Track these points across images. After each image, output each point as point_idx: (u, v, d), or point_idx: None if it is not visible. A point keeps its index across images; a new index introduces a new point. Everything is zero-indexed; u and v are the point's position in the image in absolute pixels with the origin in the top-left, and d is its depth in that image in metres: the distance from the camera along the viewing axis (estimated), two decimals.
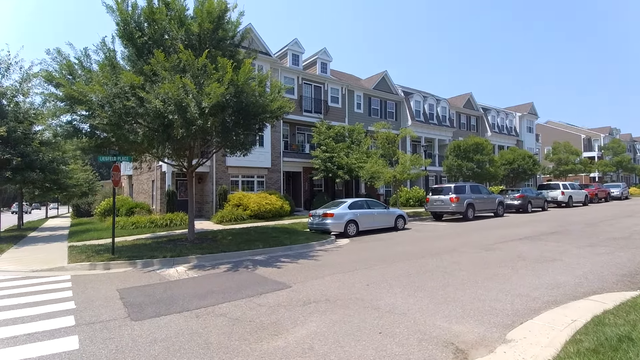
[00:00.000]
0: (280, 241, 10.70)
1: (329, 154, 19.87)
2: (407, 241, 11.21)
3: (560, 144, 35.25)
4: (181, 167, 11.32)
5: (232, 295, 5.66)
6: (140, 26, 9.46)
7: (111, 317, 4.79)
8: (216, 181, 18.06)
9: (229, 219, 15.95)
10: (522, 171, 25.68)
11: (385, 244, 10.75)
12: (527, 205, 20.95)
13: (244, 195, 17.28)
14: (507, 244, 9.88)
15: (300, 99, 22.68)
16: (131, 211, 17.01)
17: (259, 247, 9.95)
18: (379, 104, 27.77)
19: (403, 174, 18.23)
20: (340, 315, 4.57)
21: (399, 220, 14.38)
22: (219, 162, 18.28)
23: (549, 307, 4.75)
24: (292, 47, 22.88)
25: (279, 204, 17.57)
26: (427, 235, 12.44)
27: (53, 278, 7.58)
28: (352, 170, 19.40)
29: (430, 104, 30.84)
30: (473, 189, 18.11)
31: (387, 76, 28.43)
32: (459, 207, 16.95)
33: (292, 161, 21.60)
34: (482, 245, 9.80)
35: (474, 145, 22.51)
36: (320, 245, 10.90)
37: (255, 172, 19.66)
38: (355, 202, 13.52)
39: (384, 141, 19.38)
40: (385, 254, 9.09)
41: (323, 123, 21.67)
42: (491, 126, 36.60)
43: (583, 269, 6.80)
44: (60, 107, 9.07)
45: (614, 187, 33.35)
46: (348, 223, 12.71)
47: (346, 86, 25.22)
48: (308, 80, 23.22)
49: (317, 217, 13.01)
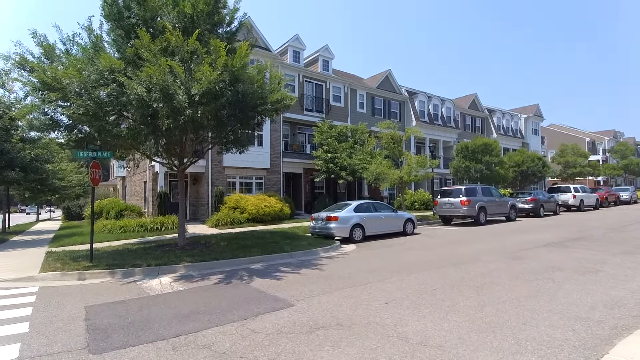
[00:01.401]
0: (280, 247, 9.66)
1: (332, 154, 18.87)
2: (420, 247, 10.18)
3: (567, 146, 34.31)
4: (171, 166, 10.29)
5: (221, 317, 4.62)
6: (129, 5, 8.47)
7: (65, 348, 3.75)
8: (212, 182, 17.02)
9: (225, 222, 14.91)
10: (531, 173, 24.69)
11: (396, 251, 9.72)
12: (539, 209, 19.94)
13: (241, 198, 16.25)
14: (534, 252, 8.86)
15: (301, 97, 21.72)
16: (121, 214, 15.96)
17: (256, 254, 8.91)
18: (382, 104, 26.82)
19: (410, 176, 17.22)
20: (359, 348, 3.53)
21: (408, 225, 13.36)
22: (215, 162, 17.26)
23: (620, 335, 3.75)
24: (292, 43, 21.96)
25: (279, 207, 16.54)
26: (441, 241, 11.41)
27: (17, 290, 6.54)
28: (355, 172, 18.39)
29: (434, 104, 29.93)
30: (484, 192, 17.10)
31: (391, 75, 27.53)
32: (471, 210, 15.93)
33: (292, 162, 20.59)
34: (506, 253, 8.77)
35: (483, 146, 21.53)
36: (325, 251, 9.86)
37: (253, 173, 18.63)
38: (361, 205, 12.50)
39: (389, 141, 18.39)
40: (398, 262, 8.06)
41: (325, 122, 20.69)
42: (496, 128, 35.67)
43: (636, 281, 5.79)
44: (39, 96, 8.04)
45: (623, 190, 32.37)
46: (354, 227, 11.68)
47: (348, 85, 24.29)
48: (309, 77, 22.28)
49: (320, 221, 11.98)
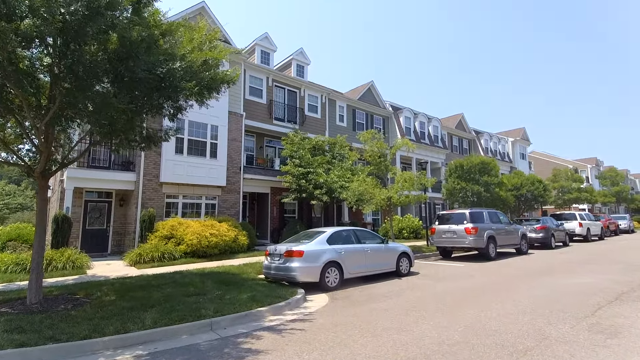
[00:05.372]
0: (198, 308, 5.66)
1: (304, 168, 15.24)
2: (430, 302, 6.44)
3: (560, 171, 32.30)
4: (24, 168, 6.26)
5: None
6: None
7: None
8: (143, 203, 12.87)
9: (151, 258, 10.72)
10: (531, 198, 21.86)
11: (394, 312, 5.92)
12: (551, 238, 16.80)
13: (179, 224, 12.14)
14: (614, 311, 5.34)
15: (270, 104, 18.32)
16: (5, 245, 11.43)
17: (147, 326, 4.89)
18: (364, 118, 23.82)
19: (400, 196, 13.75)
20: None
21: (403, 261, 9.68)
22: (149, 177, 13.21)
23: None
24: (261, 42, 18.83)
25: (231, 236, 12.51)
26: (453, 289, 7.72)
27: None
28: (333, 191, 14.75)
29: (421, 122, 27.31)
30: (492, 217, 13.77)
31: (374, 87, 24.82)
32: (478, 241, 12.46)
33: (257, 179, 16.75)
34: (576, 317, 5.18)
35: (480, 164, 18.60)
36: (275, 313, 5.95)
37: (203, 191, 14.63)
38: (337, 233, 8.76)
39: (374, 154, 15.04)
40: (404, 343, 4.27)
41: (297, 132, 17.22)
42: (485, 150, 33.43)
43: None
44: None
45: (621, 219, 30.34)
46: (327, 267, 7.87)
47: (326, 94, 21.19)
48: (280, 82, 19.01)
49: (277, 257, 8.09)
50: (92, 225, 13.37)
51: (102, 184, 12.94)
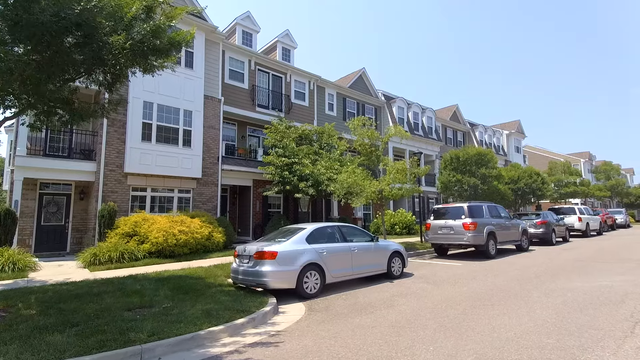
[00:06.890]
0: (129, 329, 4.35)
1: (288, 159, 13.92)
2: (428, 316, 5.24)
3: (557, 164, 31.52)
4: None
5: None
6: None
7: None
8: (104, 196, 11.44)
9: (109, 258, 9.35)
10: (529, 191, 20.88)
11: (383, 329, 4.70)
12: (551, 234, 15.85)
13: (144, 219, 10.76)
14: None
15: (252, 89, 16.90)
16: None
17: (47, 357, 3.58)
18: (355, 107, 22.53)
19: (392, 189, 12.55)
20: None
21: (395, 261, 8.48)
22: (112, 167, 11.75)
23: None
24: (242, 21, 17.34)
25: (204, 233, 11.19)
26: (453, 295, 6.54)
27: None
28: (319, 183, 13.47)
29: (414, 112, 26.13)
30: (491, 211, 12.67)
31: (366, 75, 23.50)
32: (477, 237, 11.34)
33: (237, 170, 15.38)
34: (612, 333, 4.03)
35: (477, 156, 17.50)
36: (232, 334, 4.68)
37: (175, 183, 13.23)
38: (319, 230, 7.51)
39: (365, 144, 13.78)
40: None
41: (283, 121, 15.87)
42: (479, 143, 32.44)
43: None
44: None
45: (617, 213, 29.77)
46: (305, 270, 6.63)
47: (315, 80, 19.82)
48: (264, 67, 17.58)
49: (246, 260, 6.81)
50: (48, 221, 11.91)
51: (59, 175, 11.44)
